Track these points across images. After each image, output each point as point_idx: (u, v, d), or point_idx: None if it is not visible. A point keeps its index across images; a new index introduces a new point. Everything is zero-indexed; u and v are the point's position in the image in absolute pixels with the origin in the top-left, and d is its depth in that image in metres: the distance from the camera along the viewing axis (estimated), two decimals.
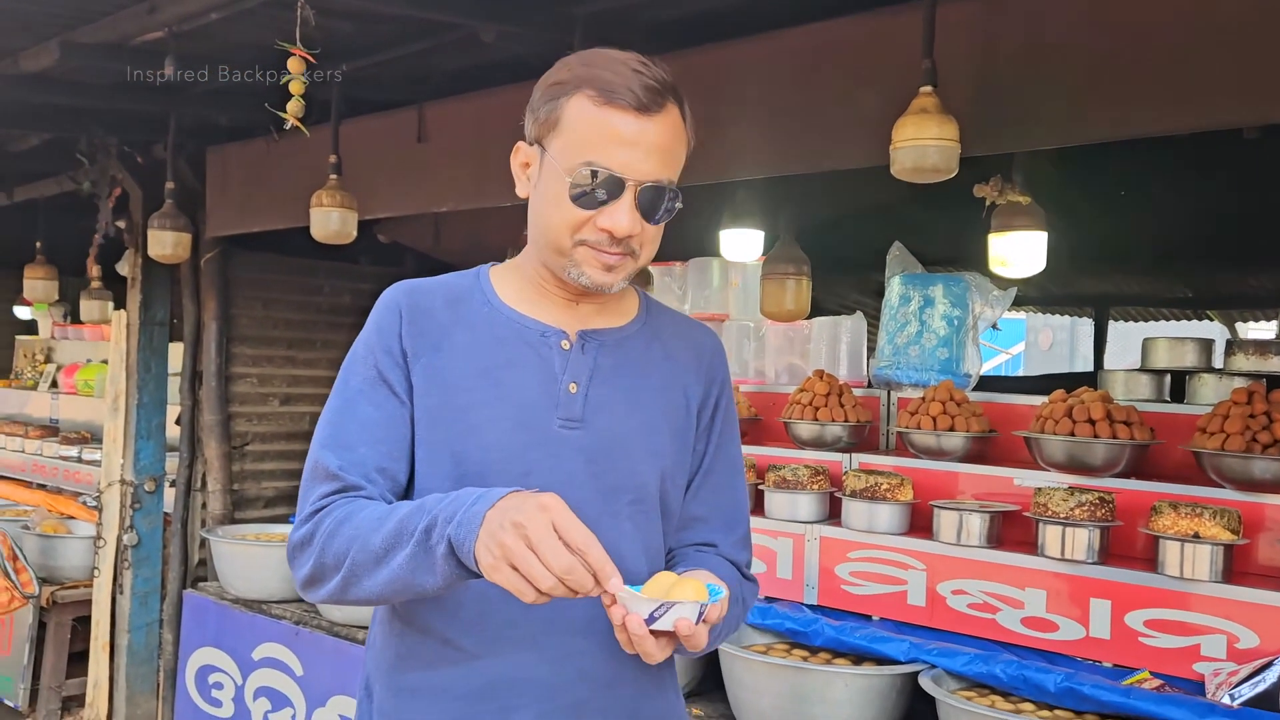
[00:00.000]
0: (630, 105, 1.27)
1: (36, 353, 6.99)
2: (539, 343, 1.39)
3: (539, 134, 1.34)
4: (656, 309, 1.52)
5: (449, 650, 1.35)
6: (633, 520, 1.36)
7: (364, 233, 4.76)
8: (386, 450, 1.34)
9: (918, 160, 2.17)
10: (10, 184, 5.16)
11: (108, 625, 4.48)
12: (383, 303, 1.42)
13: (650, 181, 1.29)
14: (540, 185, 1.35)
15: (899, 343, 3.19)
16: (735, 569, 1.48)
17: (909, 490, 2.76)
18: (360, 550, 1.23)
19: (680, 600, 1.18)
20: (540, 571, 1.09)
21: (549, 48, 2.91)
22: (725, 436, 1.51)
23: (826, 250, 4.28)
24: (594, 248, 1.31)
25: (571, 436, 1.35)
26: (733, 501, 1.52)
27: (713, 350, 1.52)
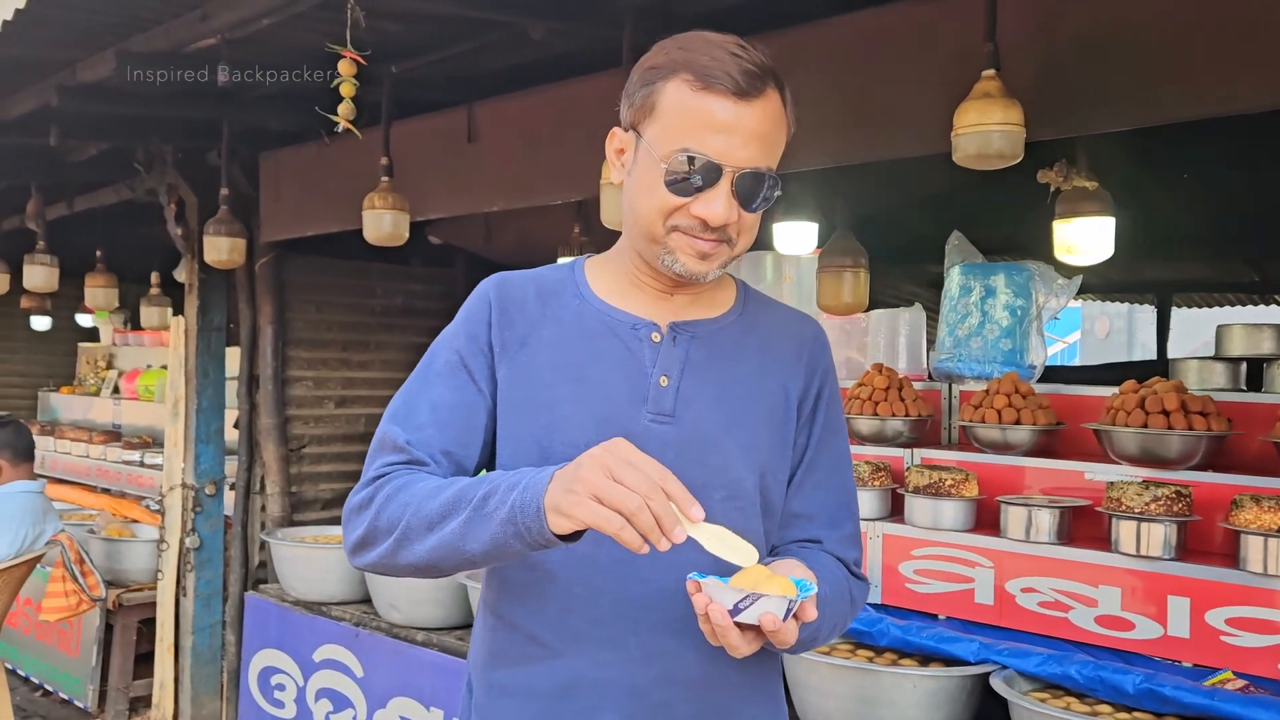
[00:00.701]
0: (728, 90, 1.24)
1: (99, 359, 7.14)
2: (629, 335, 1.35)
3: (634, 119, 1.31)
4: (755, 299, 1.47)
5: (534, 647, 1.33)
6: (727, 517, 1.28)
7: (416, 234, 4.79)
8: (454, 435, 1.33)
9: (981, 146, 2.11)
10: (71, 194, 5.26)
11: (172, 627, 4.55)
12: (475, 293, 1.41)
13: (748, 169, 1.26)
14: (635, 172, 1.32)
15: (960, 334, 3.12)
16: (842, 565, 1.42)
17: (974, 486, 2.69)
18: (415, 515, 1.23)
19: (767, 594, 1.14)
20: (623, 493, 1.07)
21: (597, 43, 2.90)
22: (829, 429, 1.44)
23: (883, 241, 4.20)
24: (688, 234, 1.28)
25: (661, 431, 1.31)
26: (838, 497, 1.46)
27: (814, 340, 1.46)
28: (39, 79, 3.27)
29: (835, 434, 1.46)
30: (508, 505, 1.14)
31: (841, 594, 1.38)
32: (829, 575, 1.36)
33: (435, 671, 3.26)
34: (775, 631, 1.16)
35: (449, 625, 3.38)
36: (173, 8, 2.61)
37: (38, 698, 5.07)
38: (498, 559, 1.20)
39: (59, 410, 7.17)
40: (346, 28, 2.22)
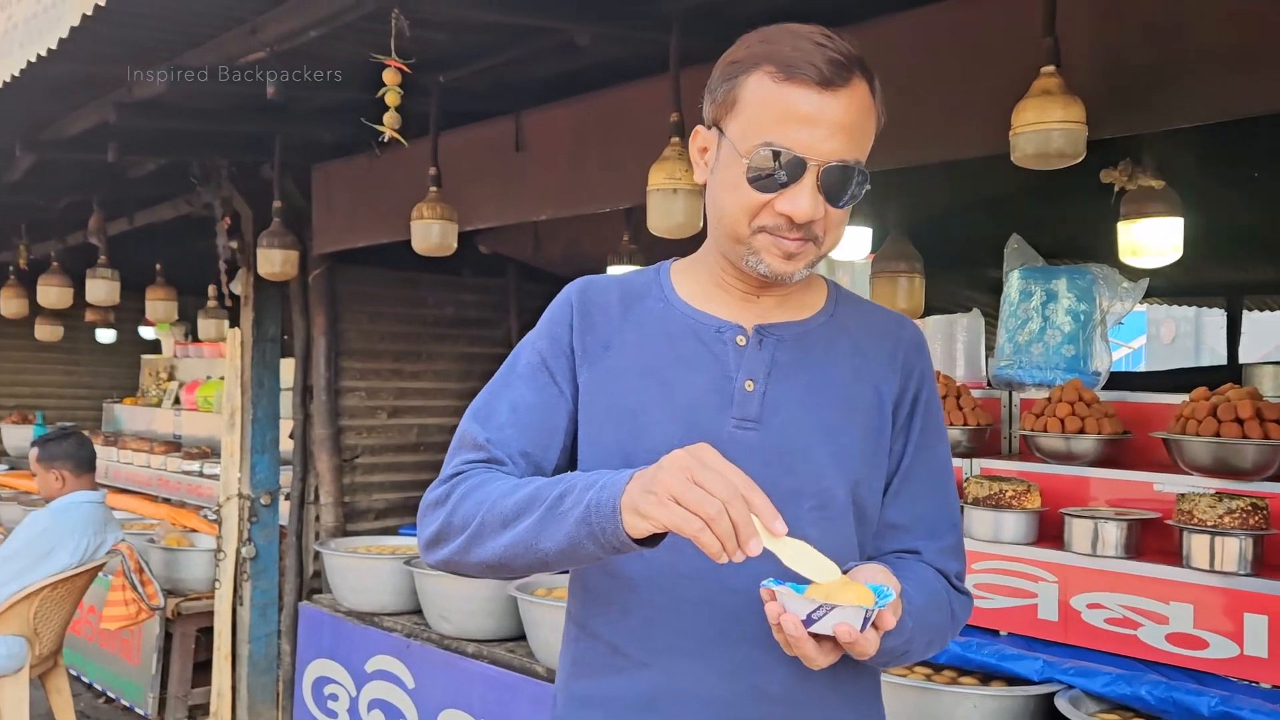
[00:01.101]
0: (812, 80, 1.19)
1: (160, 371, 7.27)
2: (713, 339, 1.32)
3: (716, 116, 1.28)
4: (847, 299, 1.42)
5: (617, 658, 1.30)
6: (818, 527, 1.26)
7: (466, 244, 4.80)
8: (534, 436, 1.32)
9: (1041, 145, 2.03)
10: (131, 209, 5.35)
11: (229, 636, 4.59)
12: (559, 297, 1.40)
13: (834, 162, 1.21)
14: (718, 170, 1.29)
15: (1020, 340, 3.03)
16: (941, 577, 1.35)
17: (1036, 497, 2.60)
18: (490, 512, 1.21)
19: (842, 604, 1.09)
20: (701, 497, 1.03)
21: (645, 48, 2.87)
22: (927, 435, 1.38)
23: (941, 245, 4.11)
24: (773, 234, 1.24)
25: (746, 438, 1.27)
26: (937, 507, 1.38)
27: (910, 341, 1.39)
28: (96, 96, 3.32)
29: (934, 440, 1.39)
30: (583, 504, 1.12)
31: (938, 605, 1.31)
32: (924, 585, 1.30)
33: (486, 684, 3.24)
34: (852, 643, 1.11)
35: (500, 637, 3.36)
36: (222, 22, 2.63)
37: (101, 704, 5.16)
38: (572, 560, 1.17)
39: (123, 421, 7.31)
40: (391, 37, 2.21)
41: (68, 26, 2.62)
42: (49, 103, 3.40)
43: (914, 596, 1.25)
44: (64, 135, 3.66)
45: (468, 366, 5.03)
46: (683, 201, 2.59)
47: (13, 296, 6.16)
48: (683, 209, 2.60)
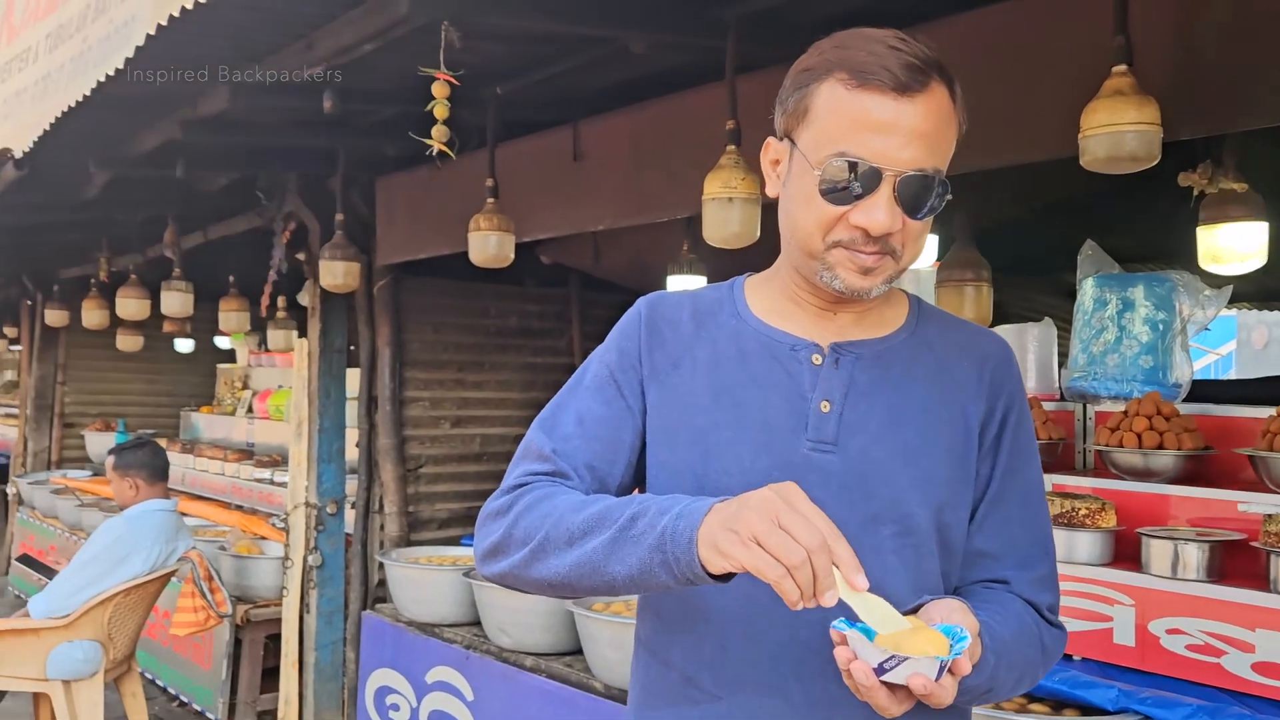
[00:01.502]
0: (887, 86, 1.14)
1: (235, 380, 7.43)
2: (788, 358, 1.27)
3: (788, 127, 1.24)
4: (930, 315, 1.36)
5: (689, 688, 1.26)
6: (898, 555, 1.21)
7: (528, 255, 4.80)
8: (600, 450, 1.29)
9: (1112, 148, 1.94)
10: (205, 223, 5.48)
11: (296, 643, 4.65)
12: (629, 312, 1.37)
13: (912, 171, 1.15)
14: (790, 183, 1.24)
15: (1095, 351, 2.91)
16: (1031, 609, 1.28)
17: (1111, 516, 2.49)
18: (555, 527, 1.17)
19: (916, 655, 1.03)
20: (789, 544, 0.99)
21: (701, 55, 2.83)
22: (1018, 458, 1.30)
23: (1009, 251, 3.98)
24: (848, 248, 1.19)
25: (823, 461, 1.22)
26: (1028, 534, 1.31)
27: (998, 359, 1.32)
28: (163, 114, 3.39)
29: (1025, 463, 1.32)
30: (658, 530, 1.08)
31: (1027, 640, 1.24)
32: (1011, 618, 1.23)
33: (543, 698, 3.21)
34: (927, 694, 1.05)
35: (558, 651, 3.33)
36: (280, 38, 2.66)
37: (174, 708, 5.26)
38: (641, 588, 1.13)
39: (200, 429, 7.49)
40: (441, 49, 2.20)
41: (133, 46, 2.68)
42: (120, 121, 3.48)
43: (998, 630, 1.18)
44: (135, 152, 3.75)
45: (530, 376, 5.03)
46: (739, 210, 2.54)
47: (94, 308, 6.35)
48: (739, 218, 2.54)
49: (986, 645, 1.13)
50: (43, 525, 6.81)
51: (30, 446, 8.11)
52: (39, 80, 4.00)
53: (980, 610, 1.19)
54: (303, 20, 2.54)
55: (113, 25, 3.26)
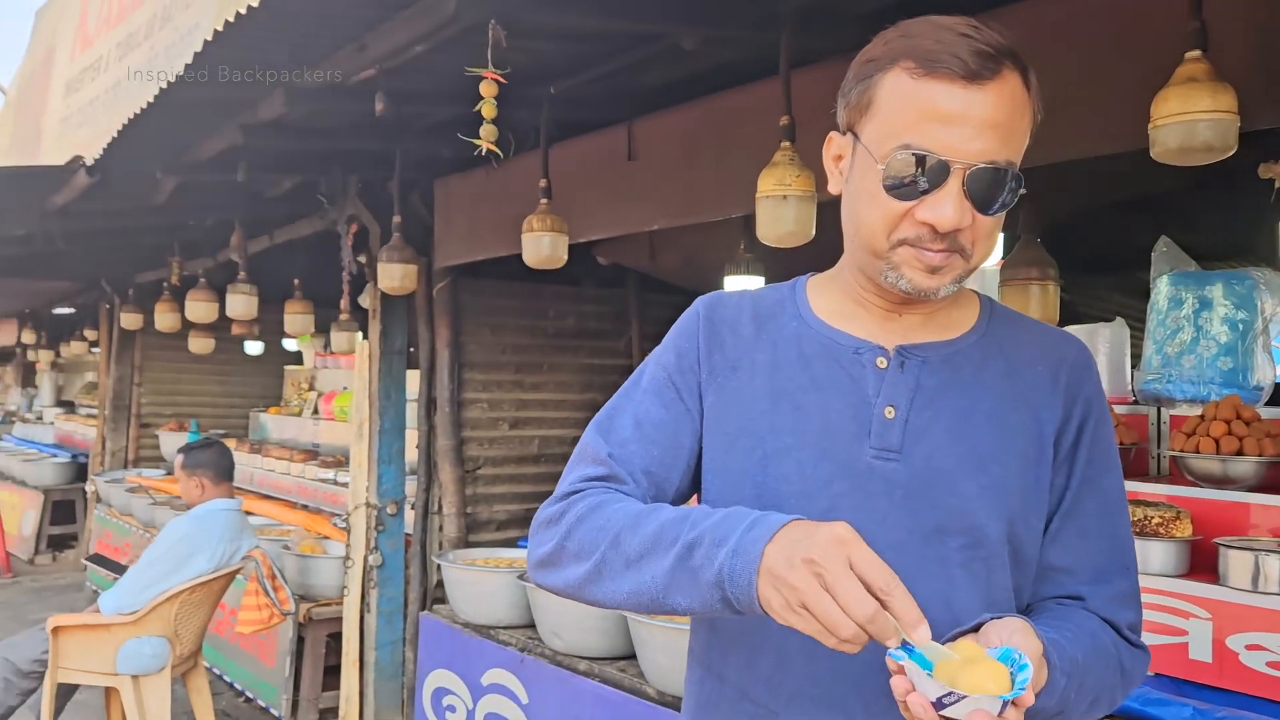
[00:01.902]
0: (956, 74, 1.09)
1: (302, 381, 7.56)
2: (851, 361, 1.22)
3: (851, 120, 1.19)
4: (1002, 316, 1.29)
5: (745, 703, 1.21)
6: (967, 569, 1.15)
7: (586, 255, 4.78)
8: (659, 455, 1.25)
9: (1185, 139, 1.84)
10: (271, 227, 5.57)
11: (357, 642, 4.69)
12: (687, 312, 1.33)
13: (982, 164, 1.10)
14: (853, 178, 1.19)
15: (1169, 352, 2.78)
16: (1109, 628, 1.21)
17: (1187, 525, 2.37)
18: (612, 548, 1.13)
19: (976, 694, 0.97)
20: (839, 619, 0.95)
21: (756, 50, 2.77)
22: (1095, 467, 1.23)
23: (1081, 250, 3.85)
24: (915, 245, 1.13)
25: (886, 469, 1.17)
26: (1107, 549, 1.23)
27: (1075, 363, 1.26)
28: (226, 119, 3.44)
29: (1103, 473, 1.24)
30: (716, 567, 1.03)
31: (1104, 661, 1.17)
32: (1085, 637, 1.16)
33: (597, 703, 3.18)
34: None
35: (611, 655, 3.30)
36: (334, 40, 2.67)
37: (241, 704, 5.35)
38: (704, 616, 1.11)
39: (269, 429, 7.63)
40: (488, 48, 2.18)
41: (192, 52, 2.71)
42: (184, 127, 3.54)
43: (1069, 650, 1.11)
44: (200, 158, 3.81)
45: (589, 378, 5.01)
46: (793, 209, 2.47)
47: (166, 311, 6.51)
48: (794, 216, 2.48)
49: (1055, 665, 1.07)
50: (119, 522, 6.99)
51: (108, 446, 8.35)
52: (109, 89, 4.10)
53: (1050, 628, 1.12)
54: (355, 22, 2.55)
55: (178, 33, 3.31)
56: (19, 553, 9.04)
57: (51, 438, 10.46)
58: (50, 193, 4.29)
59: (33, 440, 10.81)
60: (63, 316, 10.62)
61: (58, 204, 4.35)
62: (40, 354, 11.14)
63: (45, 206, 4.49)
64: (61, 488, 9.05)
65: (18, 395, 12.84)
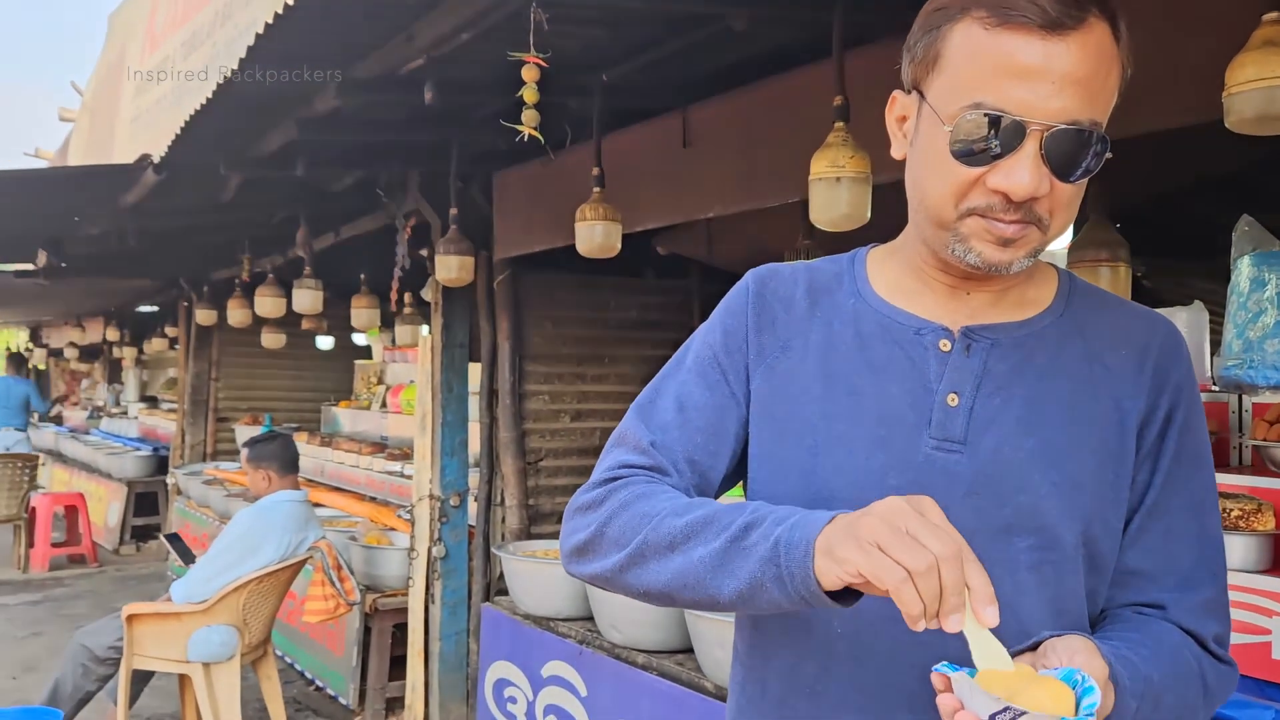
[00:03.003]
0: (1034, 22, 0.97)
1: (371, 375, 7.66)
2: (912, 343, 1.12)
3: (916, 76, 1.08)
4: (1082, 293, 1.18)
5: (785, 710, 1.14)
6: (1036, 571, 1.06)
7: (647, 246, 4.74)
8: (703, 442, 1.17)
9: (1264, 106, 1.72)
10: (336, 223, 5.64)
11: (422, 633, 4.73)
12: (737, 286, 1.25)
13: (1063, 124, 0.98)
14: (918, 142, 1.08)
15: (1252, 336, 2.64)
16: (1193, 641, 1.11)
17: (1270, 518, 2.24)
18: (654, 531, 1.05)
19: (1034, 711, 0.87)
20: (913, 548, 0.86)
21: (810, 30, 2.69)
22: (1183, 462, 1.12)
23: (1159, 231, 3.69)
24: (985, 215, 1.03)
25: (948, 461, 1.08)
26: (1192, 553, 1.12)
27: (1163, 345, 1.14)
28: (284, 114, 3.48)
29: (1193, 469, 1.13)
30: (771, 539, 0.96)
31: (1184, 680, 1.07)
32: (1164, 654, 1.06)
33: (655, 697, 3.14)
34: None
35: (669, 649, 3.25)
36: (382, 30, 2.67)
37: (311, 692, 5.44)
38: (750, 606, 1.00)
39: (340, 423, 7.75)
40: (530, 32, 2.15)
41: (245, 46, 2.74)
42: (244, 122, 3.58)
43: (1144, 669, 1.01)
44: (262, 154, 3.86)
45: (650, 369, 4.93)
46: (847, 191, 2.40)
47: (237, 307, 6.65)
48: (847, 199, 2.41)
49: (1126, 688, 0.98)
50: (197, 514, 7.18)
51: (187, 439, 8.58)
52: (175, 88, 4.18)
53: (1124, 643, 1.03)
54: (403, 11, 2.54)
55: (237, 29, 3.36)
56: (105, 543, 9.35)
57: (135, 432, 10.80)
58: (121, 191, 4.40)
59: (118, 434, 11.18)
60: (145, 314, 10.96)
61: (129, 202, 4.46)
62: (125, 351, 11.50)
63: (118, 205, 4.60)
64: (144, 480, 9.34)
65: (104, 391, 13.29)
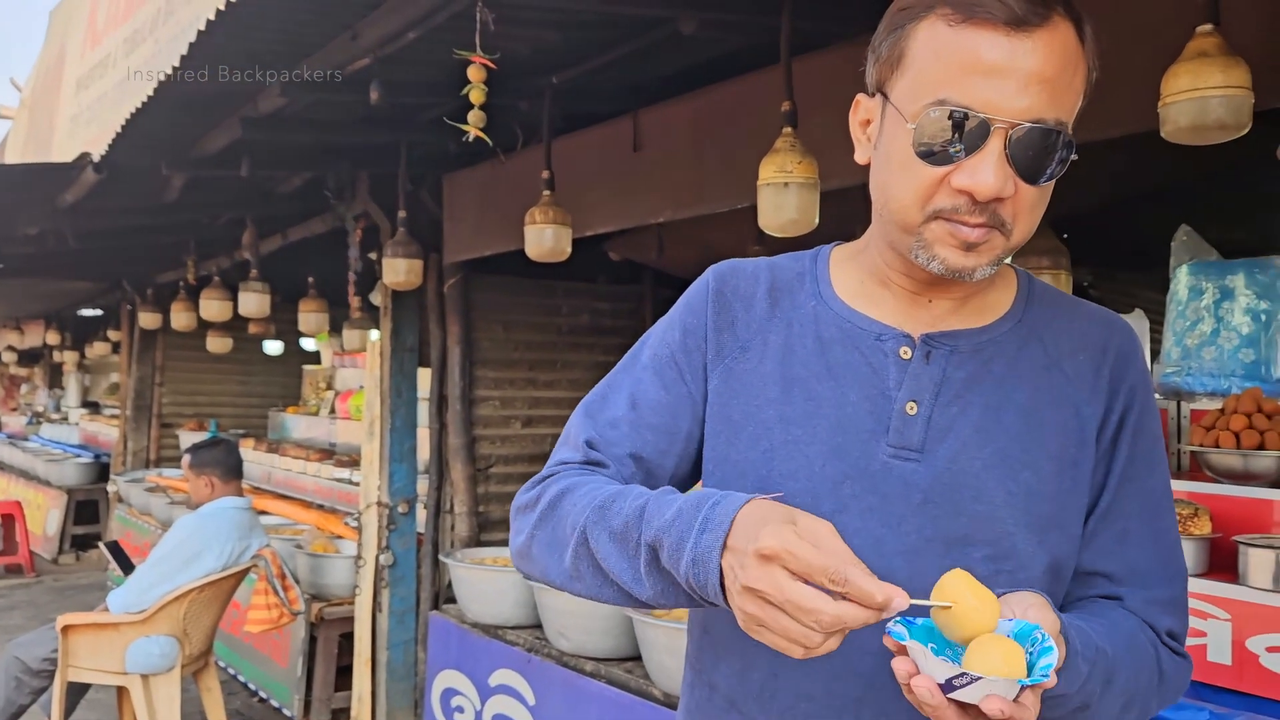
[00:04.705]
0: (999, 19, 0.97)
1: (319, 380, 7.55)
2: (873, 349, 1.11)
3: (880, 77, 1.06)
4: (1041, 297, 1.17)
5: (733, 714, 1.13)
6: (992, 581, 1.02)
7: (599, 251, 4.73)
8: (653, 439, 1.16)
9: (1196, 116, 1.75)
10: (284, 225, 5.55)
11: (369, 642, 4.66)
12: (697, 284, 1.21)
13: (1028, 123, 0.97)
14: (882, 144, 1.06)
15: (1189, 344, 2.69)
16: (1149, 630, 1.10)
17: (1206, 522, 2.28)
18: (580, 545, 1.05)
19: (989, 675, 0.87)
20: (801, 632, 0.86)
21: (760, 35, 2.70)
22: (1138, 464, 1.12)
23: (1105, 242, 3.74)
24: (950, 218, 1.01)
25: (905, 470, 1.06)
26: (1149, 554, 1.12)
27: (1119, 350, 1.14)
28: (228, 113, 3.42)
29: (1147, 470, 1.13)
30: (682, 573, 0.95)
31: (1140, 660, 1.06)
32: (1119, 631, 1.06)
33: (603, 704, 3.12)
34: (1007, 718, 0.87)
35: (618, 656, 3.24)
36: (326, 28, 2.63)
37: (255, 704, 5.34)
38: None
39: (288, 429, 7.64)
40: (476, 32, 2.13)
41: (186, 43, 2.68)
42: (187, 122, 3.52)
43: (1097, 640, 1.01)
44: (206, 153, 3.79)
45: (602, 375, 4.92)
46: (795, 196, 2.41)
47: (182, 310, 6.53)
48: (795, 204, 2.41)
49: (1078, 651, 0.97)
50: (138, 522, 7.02)
51: (130, 446, 8.40)
52: (116, 85, 4.09)
53: (1080, 618, 1.03)
54: (346, 9, 2.51)
55: (180, 26, 3.29)
56: (43, 552, 9.12)
57: (77, 438, 10.56)
58: (60, 190, 4.29)
59: (58, 441, 10.91)
60: (88, 318, 10.72)
61: (68, 201, 4.35)
62: (66, 355, 11.25)
63: (56, 204, 4.49)
64: (85, 488, 9.13)
65: (44, 396, 12.99)
